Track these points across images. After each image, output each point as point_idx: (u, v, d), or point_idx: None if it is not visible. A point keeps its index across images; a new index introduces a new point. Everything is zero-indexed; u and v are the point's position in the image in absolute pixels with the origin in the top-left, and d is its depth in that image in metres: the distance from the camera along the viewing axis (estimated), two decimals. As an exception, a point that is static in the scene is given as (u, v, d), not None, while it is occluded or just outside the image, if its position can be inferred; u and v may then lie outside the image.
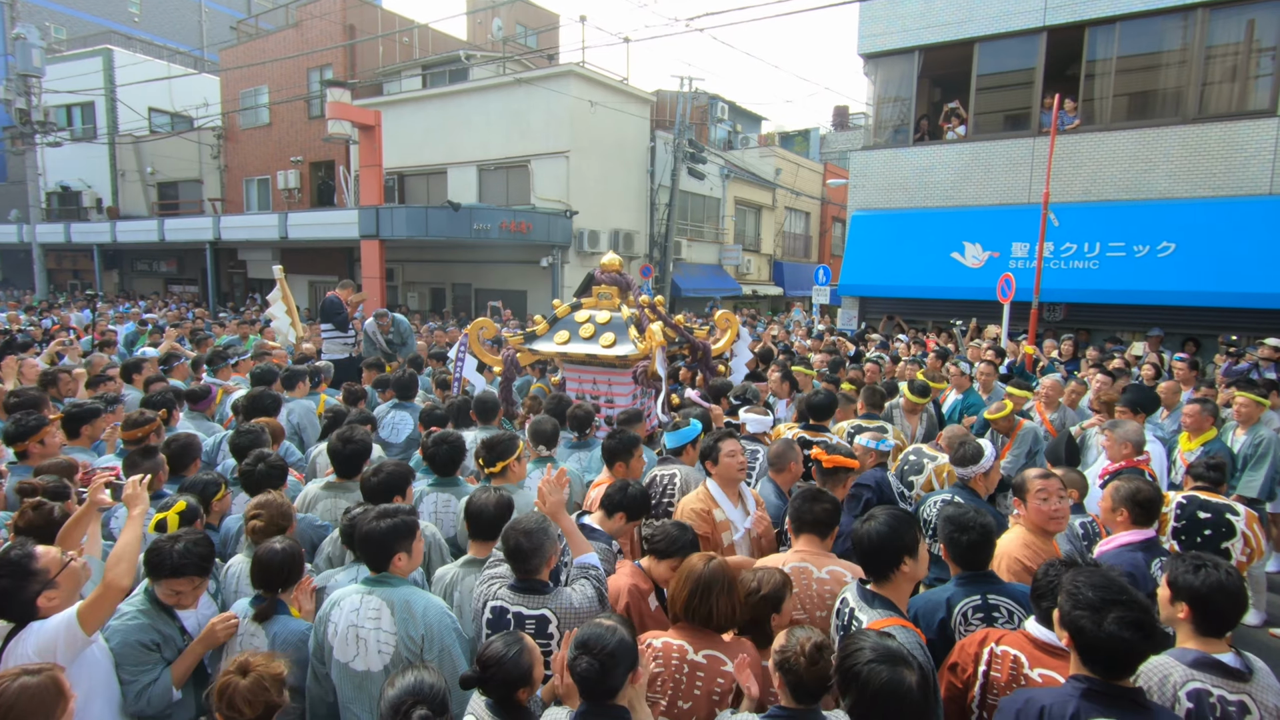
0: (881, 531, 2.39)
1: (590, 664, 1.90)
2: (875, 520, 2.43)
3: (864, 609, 2.38)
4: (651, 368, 5.17)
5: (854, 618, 2.40)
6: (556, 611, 2.48)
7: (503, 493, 2.99)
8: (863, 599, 2.42)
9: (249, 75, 22.42)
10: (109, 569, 2.28)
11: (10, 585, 2.18)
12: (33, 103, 19.36)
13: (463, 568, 2.93)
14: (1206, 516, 3.38)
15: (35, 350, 8.25)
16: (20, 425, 3.80)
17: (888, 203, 13.46)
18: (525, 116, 17.53)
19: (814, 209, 28.94)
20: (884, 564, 2.40)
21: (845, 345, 9.93)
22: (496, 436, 3.64)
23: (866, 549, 2.42)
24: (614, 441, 3.64)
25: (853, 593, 2.50)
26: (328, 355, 8.25)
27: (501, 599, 2.51)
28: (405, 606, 2.41)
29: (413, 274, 20.85)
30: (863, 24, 13.31)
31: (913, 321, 12.79)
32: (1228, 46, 10.71)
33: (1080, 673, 1.92)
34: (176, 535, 2.54)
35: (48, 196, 25.05)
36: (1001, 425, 5.40)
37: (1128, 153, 11.27)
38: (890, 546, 2.38)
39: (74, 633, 2.16)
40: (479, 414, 4.91)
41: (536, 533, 2.51)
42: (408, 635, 2.38)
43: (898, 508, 2.57)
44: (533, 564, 2.51)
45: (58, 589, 2.25)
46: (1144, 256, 10.92)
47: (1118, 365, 7.54)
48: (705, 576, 2.35)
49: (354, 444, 3.65)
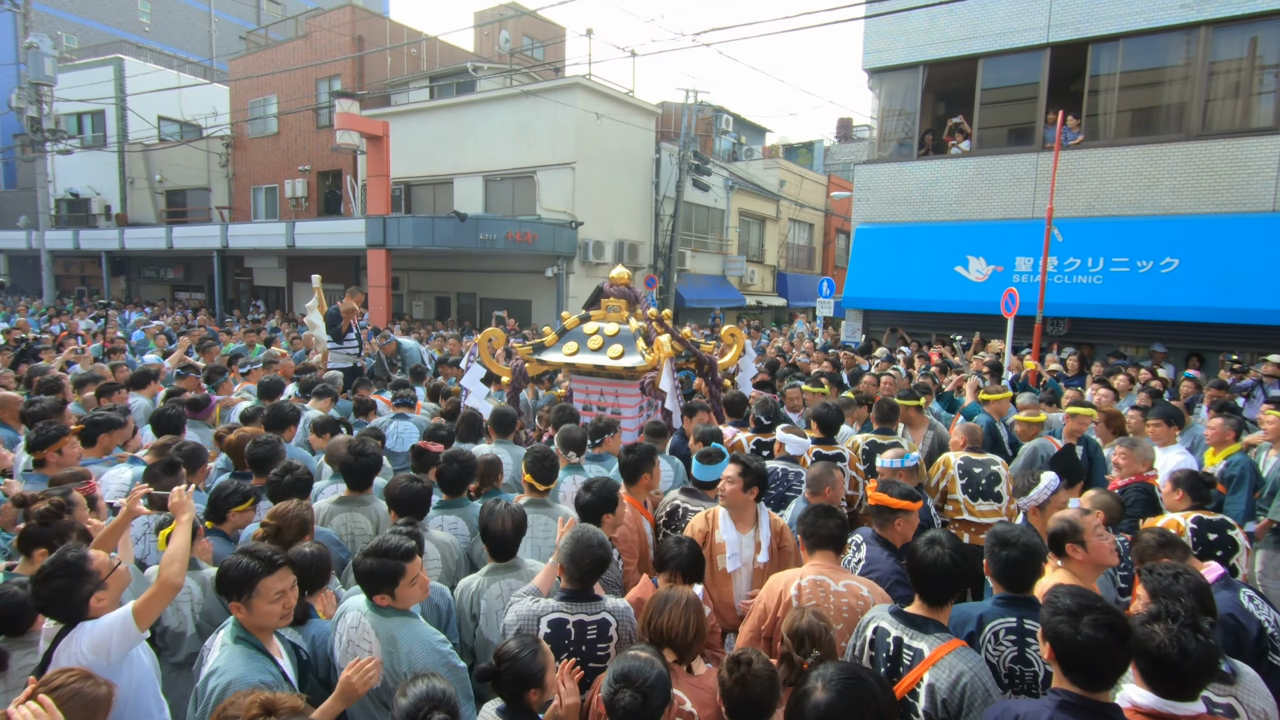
0: (957, 561, 2.33)
1: (634, 697, 1.92)
2: (942, 547, 2.35)
3: (918, 636, 2.31)
4: (658, 379, 5.21)
5: (905, 646, 2.32)
6: (614, 614, 2.59)
7: (514, 507, 2.97)
8: (909, 625, 2.35)
9: (258, 85, 22.64)
10: (164, 568, 2.38)
11: (68, 585, 2.25)
12: (44, 111, 19.56)
13: (486, 576, 2.95)
14: (1215, 537, 3.38)
15: (51, 356, 8.29)
16: (42, 434, 3.83)
17: (892, 216, 13.52)
18: (531, 128, 17.67)
19: (818, 220, 29.03)
20: (948, 592, 2.35)
21: (851, 359, 9.93)
22: (544, 452, 3.57)
23: (936, 574, 2.33)
24: (633, 456, 3.66)
25: (889, 620, 2.41)
26: (330, 365, 8.29)
27: (558, 611, 2.56)
28: (391, 640, 2.40)
29: (418, 283, 20.95)
30: (867, 39, 13.42)
31: (916, 335, 12.82)
32: (1231, 63, 10.79)
33: (1061, 685, 1.94)
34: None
35: (57, 203, 25.23)
36: (1027, 432, 5.35)
37: (1131, 168, 11.33)
38: (961, 576, 2.34)
39: (129, 629, 2.25)
40: (496, 428, 4.87)
41: (607, 542, 2.67)
42: (392, 669, 2.38)
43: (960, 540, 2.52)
44: (596, 578, 2.62)
45: (107, 590, 2.34)
46: (1148, 272, 10.96)
47: (1155, 385, 7.43)
48: (658, 597, 2.43)
49: (366, 457, 3.63)
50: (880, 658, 2.39)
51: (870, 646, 2.43)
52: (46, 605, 2.30)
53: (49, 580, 2.26)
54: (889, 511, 3.08)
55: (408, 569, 2.41)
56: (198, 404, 5.34)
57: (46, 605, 2.30)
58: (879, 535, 3.15)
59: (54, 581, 2.25)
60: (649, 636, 2.38)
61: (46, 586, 2.26)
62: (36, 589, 2.27)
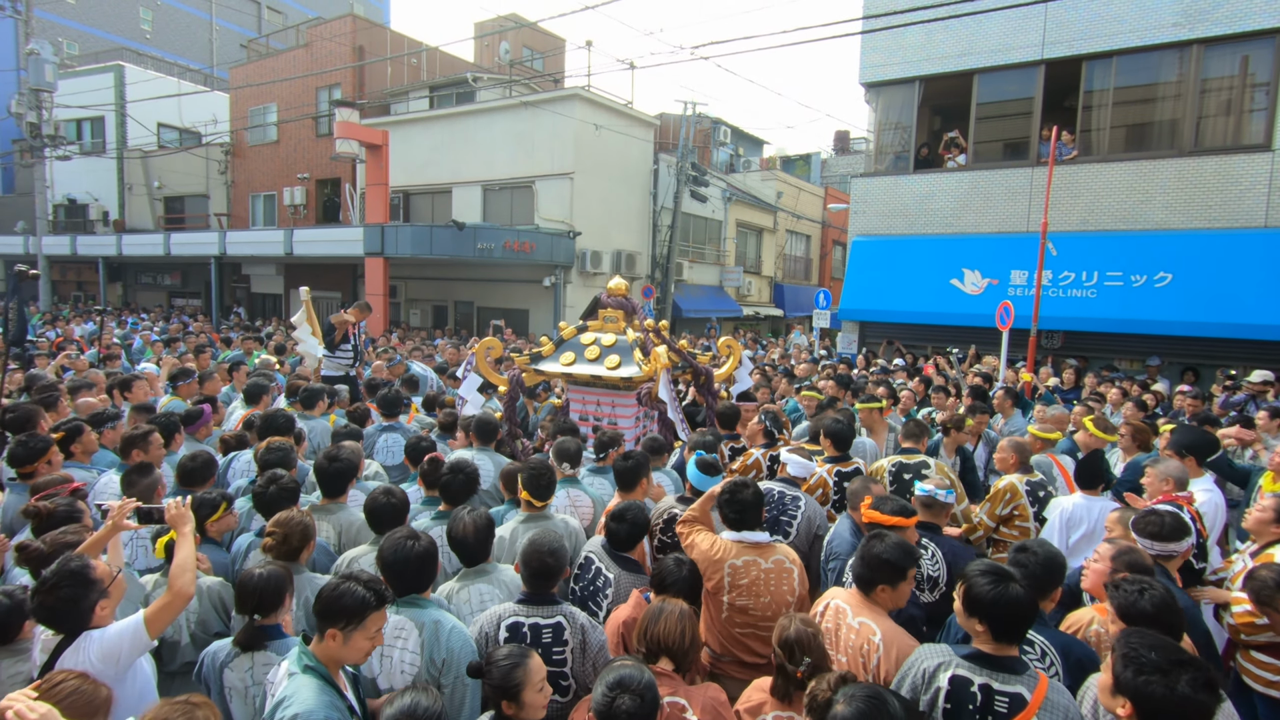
0: (1032, 595, 2.24)
1: (633, 700, 1.94)
2: (1013, 580, 2.21)
3: (1010, 680, 2.12)
4: (655, 390, 5.23)
5: (997, 693, 2.11)
6: (569, 618, 2.61)
7: (477, 513, 2.93)
8: (993, 668, 2.16)
9: (258, 93, 22.72)
10: (174, 578, 2.40)
11: (73, 594, 2.25)
12: (44, 116, 19.58)
13: (459, 582, 2.97)
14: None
15: (46, 362, 8.26)
16: (28, 448, 3.79)
17: (888, 229, 13.61)
18: (530, 138, 17.76)
19: (815, 232, 29.18)
20: (1026, 627, 2.22)
21: (846, 371, 9.96)
22: (541, 467, 3.53)
23: (1012, 610, 2.16)
24: (630, 463, 3.69)
25: (966, 665, 2.18)
26: (323, 373, 8.28)
27: (515, 614, 2.61)
28: (434, 629, 2.45)
29: (416, 291, 20.97)
30: (864, 54, 13.55)
31: (912, 347, 12.87)
32: (1223, 80, 10.92)
33: None
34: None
35: (54, 209, 25.21)
36: (1036, 446, 5.11)
37: (1125, 184, 11.43)
38: (1035, 609, 2.27)
39: (140, 637, 2.26)
40: (479, 435, 4.79)
41: (560, 552, 2.67)
42: (431, 659, 2.42)
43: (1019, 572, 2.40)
44: (552, 582, 2.65)
45: (109, 598, 2.34)
46: (1141, 286, 11.04)
47: (1147, 399, 7.35)
48: (653, 609, 2.43)
49: (339, 462, 3.58)
50: (966, 709, 2.14)
51: (947, 699, 2.16)
52: (50, 615, 2.25)
53: (55, 590, 2.22)
54: (884, 530, 2.89)
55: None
56: (191, 417, 5.26)
57: (50, 615, 2.25)
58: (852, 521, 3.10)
59: (60, 591, 2.22)
60: (645, 648, 2.38)
61: (53, 596, 2.22)
62: (42, 599, 2.23)
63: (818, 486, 4.38)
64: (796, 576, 3.00)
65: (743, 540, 3.01)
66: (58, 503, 3.09)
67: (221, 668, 2.46)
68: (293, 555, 2.87)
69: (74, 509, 3.09)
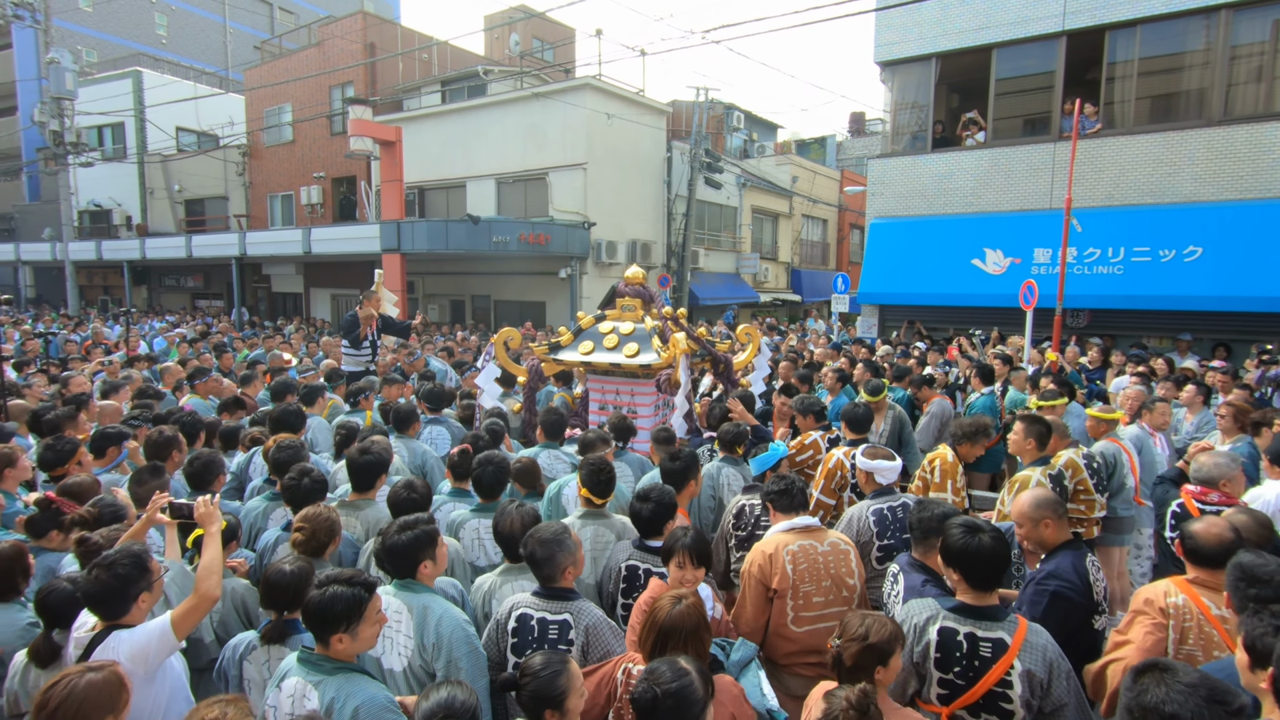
0: (997, 547, 2.36)
1: (675, 671, 1.91)
2: (986, 534, 2.38)
3: (992, 626, 2.31)
4: (675, 376, 5.20)
5: (981, 639, 2.29)
6: (576, 615, 2.56)
7: (525, 508, 2.97)
8: (977, 617, 2.34)
9: (273, 94, 22.91)
10: (201, 580, 2.42)
11: (129, 574, 2.29)
12: (65, 124, 19.93)
13: (500, 576, 2.97)
14: None
15: (79, 365, 8.41)
16: (57, 451, 3.87)
17: (906, 210, 13.41)
18: (542, 129, 17.73)
19: (831, 216, 28.86)
20: (1001, 576, 2.40)
21: (863, 354, 9.84)
22: (600, 463, 3.43)
23: (986, 561, 2.35)
24: (679, 465, 3.56)
25: (953, 618, 2.36)
26: (344, 368, 8.36)
27: (526, 605, 2.61)
28: (423, 612, 2.47)
29: (433, 286, 21.09)
30: (879, 32, 13.31)
31: (934, 329, 12.70)
32: (1253, 46, 10.57)
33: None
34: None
35: (79, 215, 25.71)
36: (1097, 429, 5.00)
37: (1151, 156, 11.14)
38: (1008, 557, 2.41)
39: (167, 638, 2.30)
40: (548, 432, 4.84)
41: (550, 542, 2.60)
42: (422, 643, 2.44)
43: (990, 524, 2.49)
44: (545, 571, 2.60)
45: (150, 593, 2.39)
46: (1170, 261, 10.77)
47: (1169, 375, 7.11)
48: (666, 624, 2.21)
49: (370, 455, 3.58)
50: (954, 656, 2.33)
51: (937, 649, 2.36)
52: (101, 591, 2.27)
53: (113, 566, 2.27)
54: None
55: (439, 534, 2.66)
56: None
57: (101, 591, 2.27)
58: (917, 560, 2.89)
59: (118, 569, 2.27)
60: (654, 636, 2.24)
61: (109, 572, 2.26)
62: (97, 574, 2.26)
63: (835, 470, 4.34)
64: (854, 558, 3.04)
65: (793, 527, 3.03)
66: (101, 505, 3.14)
67: (241, 660, 2.51)
68: (319, 551, 2.89)
69: (119, 508, 3.17)
